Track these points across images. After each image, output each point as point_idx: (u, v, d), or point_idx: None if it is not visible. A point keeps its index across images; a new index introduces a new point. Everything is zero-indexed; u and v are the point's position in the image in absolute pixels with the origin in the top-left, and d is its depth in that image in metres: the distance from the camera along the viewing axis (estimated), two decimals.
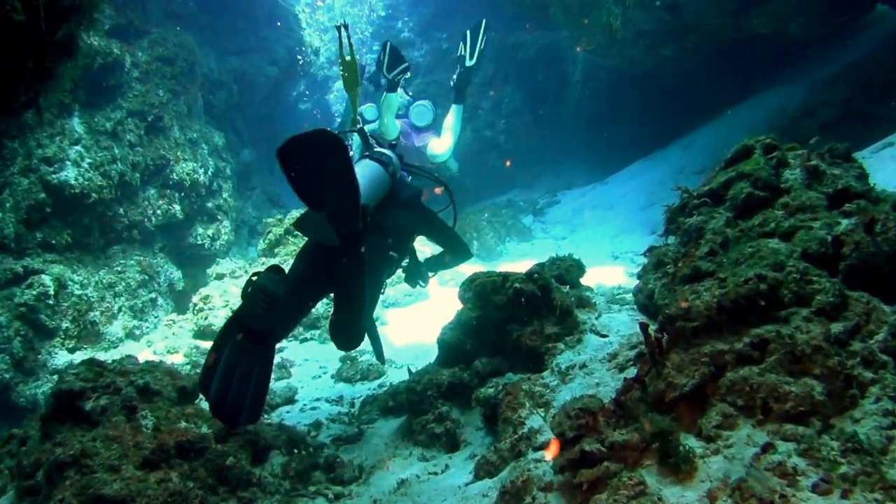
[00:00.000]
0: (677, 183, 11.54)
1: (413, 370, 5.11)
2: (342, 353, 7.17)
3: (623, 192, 12.67)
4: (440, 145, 7.61)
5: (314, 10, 18.81)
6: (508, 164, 15.63)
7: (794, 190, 3.79)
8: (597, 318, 4.38)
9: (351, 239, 3.82)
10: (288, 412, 6.09)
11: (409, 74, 7.65)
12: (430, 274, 5.46)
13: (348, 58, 5.35)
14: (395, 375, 6.57)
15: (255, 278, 4.25)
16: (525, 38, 16.13)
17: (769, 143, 4.14)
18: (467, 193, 15.26)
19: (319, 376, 7.11)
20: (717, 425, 2.71)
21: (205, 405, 4.30)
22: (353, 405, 5.98)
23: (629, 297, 6.37)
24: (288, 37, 16.71)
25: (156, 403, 4.48)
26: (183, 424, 4.28)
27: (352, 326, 4.20)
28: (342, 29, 5.31)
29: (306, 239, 4.73)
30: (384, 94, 7.33)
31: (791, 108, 10.91)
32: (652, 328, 3.12)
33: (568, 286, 4.79)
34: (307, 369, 7.39)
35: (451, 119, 7.63)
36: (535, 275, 4.41)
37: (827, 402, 2.61)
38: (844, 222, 3.39)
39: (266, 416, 6.01)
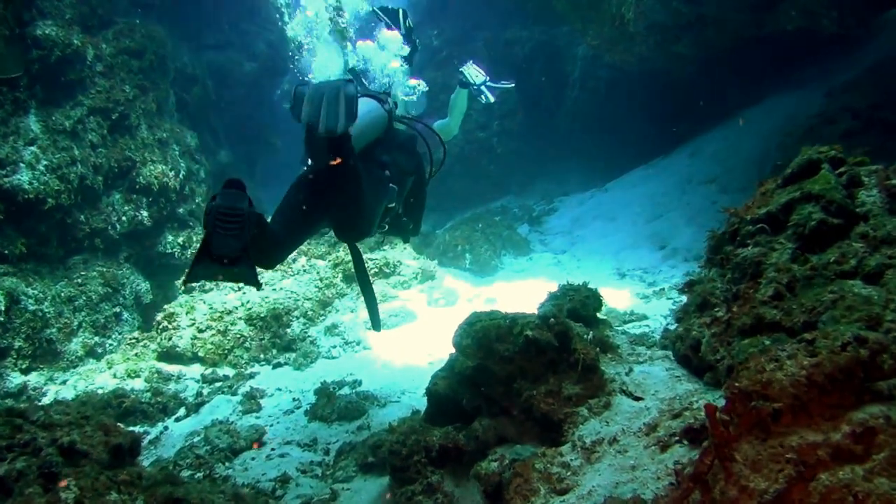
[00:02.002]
0: (685, 193, 11.01)
1: (395, 423, 4.27)
2: (318, 385, 6.55)
3: (626, 201, 11.84)
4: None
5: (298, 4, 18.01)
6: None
7: (875, 216, 3.02)
8: (627, 374, 3.49)
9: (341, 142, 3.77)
10: (253, 458, 5.30)
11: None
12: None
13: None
14: (377, 416, 5.75)
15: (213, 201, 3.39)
16: (520, 35, 15.39)
17: (835, 155, 3.37)
18: (458, 199, 14.51)
19: (292, 411, 6.28)
20: None
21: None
22: (327, 452, 5.22)
23: (646, 325, 5.61)
24: (269, 30, 15.79)
25: (82, 468, 3.67)
26: (113, 496, 3.47)
27: (359, 219, 4.36)
28: None
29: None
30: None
31: (807, 114, 10.14)
32: (712, 397, 2.33)
33: (584, 323, 3.94)
34: (279, 401, 6.57)
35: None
36: (552, 319, 3.53)
37: None
38: None
39: (227, 464, 5.25)
